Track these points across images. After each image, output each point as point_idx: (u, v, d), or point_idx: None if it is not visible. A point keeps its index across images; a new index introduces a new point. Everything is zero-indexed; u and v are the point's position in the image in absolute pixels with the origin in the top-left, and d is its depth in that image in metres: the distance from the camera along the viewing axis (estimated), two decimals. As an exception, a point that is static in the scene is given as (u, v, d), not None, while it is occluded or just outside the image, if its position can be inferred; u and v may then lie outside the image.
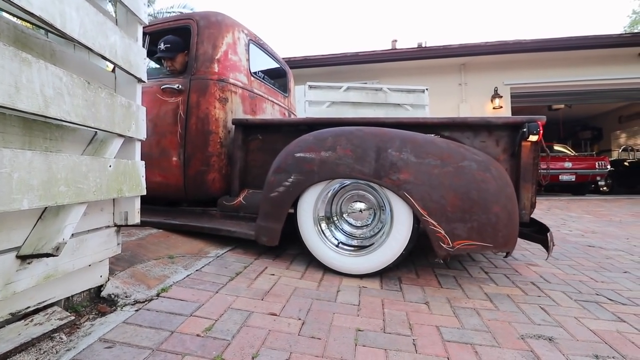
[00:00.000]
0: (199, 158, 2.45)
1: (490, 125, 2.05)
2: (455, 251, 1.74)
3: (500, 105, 8.27)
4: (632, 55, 7.95)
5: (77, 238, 1.25)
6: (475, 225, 1.72)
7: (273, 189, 2.03)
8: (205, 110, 2.44)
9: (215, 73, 2.50)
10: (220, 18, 2.64)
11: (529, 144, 1.96)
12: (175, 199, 2.65)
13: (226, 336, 1.22)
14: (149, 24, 2.80)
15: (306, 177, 1.95)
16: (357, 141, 1.90)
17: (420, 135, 1.90)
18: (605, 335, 1.38)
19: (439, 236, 1.74)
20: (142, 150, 2.46)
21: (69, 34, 0.99)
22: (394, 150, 1.83)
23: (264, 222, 2.05)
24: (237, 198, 2.45)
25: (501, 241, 1.73)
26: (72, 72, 1.07)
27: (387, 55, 8.66)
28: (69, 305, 1.31)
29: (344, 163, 1.88)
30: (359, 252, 1.97)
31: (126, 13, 1.43)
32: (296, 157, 1.99)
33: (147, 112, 2.47)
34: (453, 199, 1.73)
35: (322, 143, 1.96)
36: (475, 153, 1.83)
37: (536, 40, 7.90)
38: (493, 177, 1.76)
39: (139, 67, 1.44)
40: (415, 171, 1.78)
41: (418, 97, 5.61)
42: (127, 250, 1.81)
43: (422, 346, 1.25)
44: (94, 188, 1.15)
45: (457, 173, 1.76)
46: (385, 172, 1.81)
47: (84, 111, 1.08)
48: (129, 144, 1.47)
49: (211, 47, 2.53)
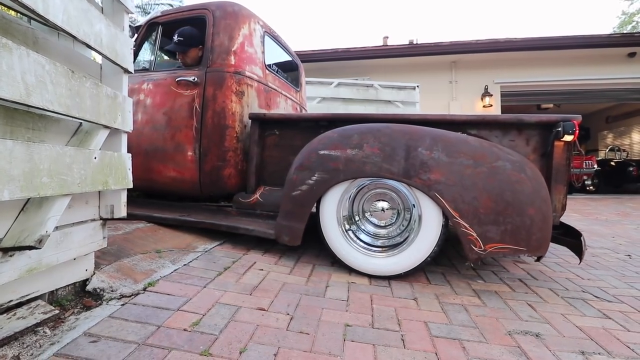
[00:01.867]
0: (215, 153, 2.39)
1: (522, 123, 1.98)
2: (487, 255, 1.68)
3: (490, 104, 8.33)
4: (621, 55, 8.06)
5: (61, 231, 1.22)
6: (508, 228, 1.66)
7: (295, 187, 1.96)
8: (221, 104, 2.39)
9: (232, 65, 2.44)
10: (236, 8, 2.57)
11: (563, 143, 1.90)
12: (190, 194, 2.59)
13: (214, 331, 1.21)
14: (161, 13, 2.72)
15: (331, 175, 1.89)
16: (385, 139, 1.84)
17: (451, 133, 1.83)
18: (591, 332, 1.40)
19: (470, 239, 1.68)
20: (156, 144, 2.48)
21: (51, 20, 0.96)
22: (425, 149, 1.77)
23: (286, 221, 1.99)
24: (253, 195, 2.40)
25: (535, 245, 1.67)
26: (56, 60, 1.04)
27: (378, 52, 8.65)
28: (53, 299, 1.28)
29: (371, 162, 1.82)
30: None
31: (112, 1, 1.39)
32: (320, 155, 1.93)
33: (161, 105, 2.51)
34: (486, 200, 1.67)
35: (348, 140, 1.90)
36: (509, 153, 1.76)
37: (527, 39, 7.96)
38: (528, 178, 1.69)
39: (125, 57, 1.40)
40: (447, 171, 1.72)
41: (409, 94, 5.62)
42: (114, 244, 1.78)
43: (410, 341, 1.25)
44: (78, 180, 1.13)
45: (490, 173, 1.69)
46: (415, 172, 1.76)
47: (68, 101, 1.05)
48: (115, 135, 1.44)
49: (227, 39, 2.46)
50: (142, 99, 2.58)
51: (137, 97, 2.59)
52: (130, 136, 2.51)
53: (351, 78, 7.19)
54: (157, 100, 2.52)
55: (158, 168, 2.50)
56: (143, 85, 2.60)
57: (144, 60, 2.92)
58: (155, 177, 2.53)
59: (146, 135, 2.53)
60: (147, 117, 2.54)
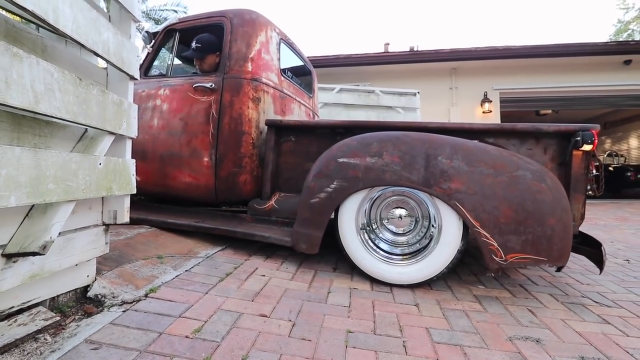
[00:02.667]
0: (231, 159, 2.40)
1: (540, 132, 1.99)
2: (507, 265, 1.68)
3: (489, 110, 8.37)
4: (617, 63, 8.13)
5: (64, 237, 1.22)
6: (530, 238, 1.65)
7: (314, 194, 1.95)
8: (238, 110, 2.40)
9: (249, 72, 2.46)
10: (254, 16, 2.59)
11: (581, 153, 1.90)
12: (205, 200, 2.59)
13: (215, 338, 1.21)
14: (179, 20, 2.74)
15: (350, 183, 1.89)
16: (404, 147, 1.84)
17: (470, 142, 1.84)
18: (591, 337, 1.41)
19: (491, 249, 1.68)
20: (172, 149, 2.50)
21: (61, 29, 0.98)
22: (445, 158, 1.77)
23: (303, 229, 1.98)
24: (268, 202, 2.39)
25: (556, 255, 1.66)
26: (64, 68, 1.05)
27: (379, 58, 8.71)
28: (54, 305, 1.28)
29: (390, 170, 1.82)
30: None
31: (120, 10, 1.41)
32: (339, 163, 1.92)
33: (178, 111, 2.52)
34: (507, 210, 1.67)
35: (367, 148, 1.90)
36: (529, 162, 1.75)
37: (525, 46, 8.03)
38: (549, 187, 1.69)
39: (132, 65, 1.42)
40: (467, 180, 1.72)
41: (410, 100, 5.65)
42: (115, 249, 1.79)
43: (412, 348, 1.26)
44: (83, 186, 1.14)
45: (511, 183, 1.69)
46: (435, 181, 1.76)
47: (75, 108, 1.07)
48: (120, 141, 1.45)
49: (245, 46, 2.49)
50: (158, 105, 2.59)
51: (153, 102, 2.60)
52: (146, 141, 2.54)
53: (353, 84, 7.24)
54: (174, 105, 2.54)
55: (173, 174, 2.51)
56: (160, 90, 2.61)
57: (160, 66, 2.93)
58: (171, 182, 2.53)
59: (162, 141, 2.53)
60: (164, 123, 2.55)
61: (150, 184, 2.60)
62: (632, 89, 8.32)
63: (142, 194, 2.81)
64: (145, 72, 2.79)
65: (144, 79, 2.75)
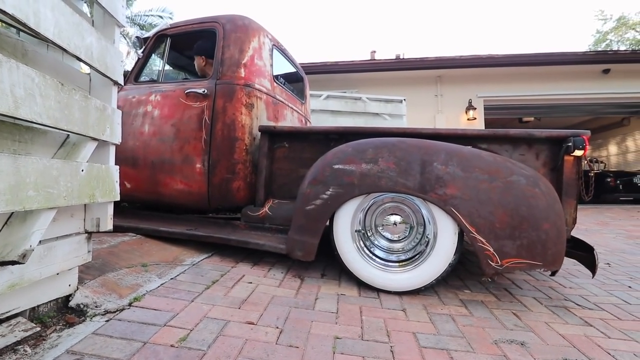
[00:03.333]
0: (224, 165, 2.37)
1: (532, 138, 2.01)
2: (503, 269, 1.69)
3: (474, 117, 8.52)
4: (596, 72, 8.38)
5: (45, 245, 1.19)
6: (524, 242, 1.67)
7: (309, 201, 1.94)
8: (231, 116, 2.38)
9: (242, 78, 2.45)
10: (247, 22, 2.59)
11: (572, 158, 1.93)
12: (198, 207, 2.55)
13: (201, 346, 1.19)
14: (170, 26, 2.72)
15: (345, 190, 1.88)
16: (400, 154, 1.84)
17: (465, 148, 1.86)
18: (574, 339, 1.43)
19: (487, 254, 1.69)
20: (164, 156, 2.46)
21: (42, 33, 0.96)
22: (440, 164, 1.78)
23: (299, 236, 1.97)
24: (262, 208, 2.37)
25: (550, 259, 1.68)
26: (45, 72, 1.04)
27: (366, 66, 8.80)
28: (34, 315, 1.24)
29: (386, 176, 1.82)
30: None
31: (103, 14, 1.40)
32: (335, 169, 1.92)
33: (169, 117, 2.49)
34: (502, 215, 1.68)
35: (363, 155, 1.89)
36: (523, 167, 1.77)
37: (507, 55, 8.22)
38: (542, 192, 1.71)
39: (116, 70, 1.40)
40: (463, 186, 1.73)
41: (396, 107, 5.71)
42: (98, 258, 1.75)
43: (399, 353, 1.26)
44: (64, 193, 1.11)
45: (506, 188, 1.71)
46: (431, 187, 1.76)
47: (57, 113, 1.05)
48: (103, 147, 1.42)
49: (238, 52, 2.48)
50: (149, 111, 2.56)
51: (144, 108, 2.57)
52: (137, 148, 2.51)
53: (340, 91, 7.28)
54: (165, 111, 2.51)
55: (165, 180, 2.47)
56: (151, 96, 2.59)
57: (151, 72, 2.90)
58: (162, 189, 2.50)
59: (153, 147, 2.50)
60: (155, 129, 2.51)
61: (141, 191, 2.56)
62: (611, 97, 8.59)
63: (133, 202, 2.75)
64: (135, 77, 2.75)
65: (135, 85, 2.72)
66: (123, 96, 2.68)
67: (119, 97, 2.69)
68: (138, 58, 2.79)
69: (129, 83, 2.75)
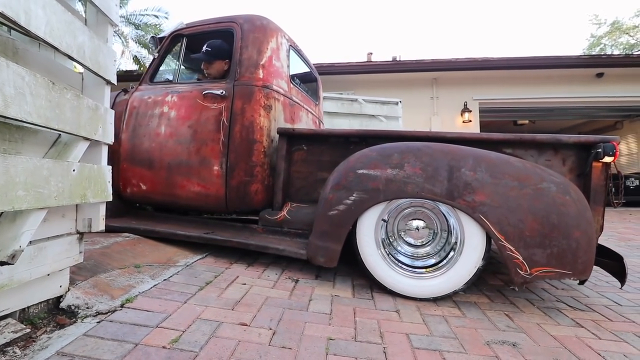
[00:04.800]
0: (242, 168, 2.34)
1: (560, 144, 1.98)
2: (532, 278, 1.66)
3: (469, 119, 8.56)
4: (590, 75, 8.45)
5: (35, 245, 1.18)
6: (555, 251, 1.63)
7: (332, 206, 1.90)
8: (250, 118, 2.35)
9: (260, 79, 2.42)
10: (265, 22, 2.56)
11: (601, 164, 1.89)
12: (214, 210, 2.52)
13: (194, 348, 1.19)
14: (186, 25, 2.69)
15: (370, 195, 1.84)
16: (426, 159, 1.80)
17: (492, 153, 1.82)
18: (565, 341, 1.44)
19: (516, 262, 1.65)
20: (180, 158, 2.44)
21: (33, 32, 0.95)
22: (468, 170, 1.74)
23: (321, 242, 1.92)
24: (280, 212, 2.33)
25: (580, 268, 1.64)
26: (36, 71, 1.03)
27: (362, 68, 8.82)
28: (24, 317, 1.23)
29: (412, 182, 1.78)
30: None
31: (96, 13, 1.39)
32: (358, 174, 1.87)
33: (186, 118, 2.47)
34: (532, 223, 1.65)
35: (388, 160, 1.85)
36: (552, 174, 1.73)
37: (502, 58, 8.27)
38: (573, 200, 1.67)
39: (108, 69, 1.39)
40: (492, 192, 1.69)
41: (392, 109, 5.72)
42: (90, 259, 1.74)
43: (392, 354, 1.26)
44: (55, 193, 1.10)
45: (536, 195, 1.67)
46: (459, 193, 1.73)
47: (48, 112, 1.04)
48: (95, 147, 1.41)
49: (256, 52, 2.45)
50: (165, 112, 2.53)
51: (160, 109, 2.54)
52: (153, 149, 2.50)
53: (336, 92, 7.29)
54: (182, 113, 2.49)
55: (182, 183, 2.44)
56: (167, 97, 2.55)
57: (166, 72, 2.87)
58: (178, 192, 2.46)
59: (169, 149, 2.47)
60: (171, 130, 2.49)
61: (156, 192, 2.53)
62: (604, 101, 8.66)
63: (148, 203, 2.71)
64: (150, 78, 2.72)
65: (150, 85, 2.69)
66: (138, 97, 2.65)
67: (135, 97, 2.67)
68: (153, 58, 2.75)
69: (144, 83, 2.72)
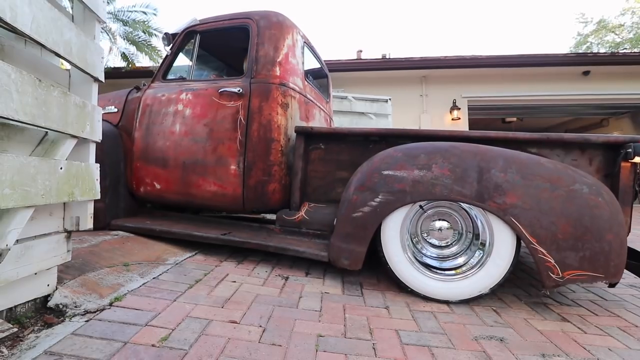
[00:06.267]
0: (260, 167, 2.31)
1: (587, 143, 1.96)
2: (564, 282, 1.64)
3: (458, 117, 8.63)
4: (576, 73, 8.58)
5: (22, 244, 1.17)
6: (587, 254, 1.61)
7: (356, 208, 1.86)
8: (267, 116, 2.32)
9: (277, 77, 2.38)
10: (281, 18, 2.52)
11: (630, 165, 1.87)
12: (231, 209, 2.48)
13: (183, 346, 1.19)
14: (200, 22, 2.64)
15: (396, 197, 1.80)
16: (455, 160, 1.77)
17: (522, 154, 1.79)
18: (551, 335, 1.47)
19: (548, 265, 1.63)
20: (196, 157, 2.40)
21: (19, 28, 0.94)
22: (498, 171, 1.71)
23: (345, 244, 1.89)
24: (298, 212, 2.30)
25: (612, 271, 1.62)
26: (23, 68, 1.01)
27: (352, 65, 8.82)
28: (11, 316, 1.22)
29: (441, 183, 1.75)
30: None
31: (83, 10, 1.37)
32: (384, 175, 1.84)
33: (202, 116, 2.43)
34: (564, 225, 1.63)
35: (414, 160, 1.82)
36: (584, 175, 1.70)
37: (490, 56, 8.35)
38: (605, 202, 1.64)
39: (96, 66, 1.38)
40: (523, 194, 1.67)
41: (382, 107, 5.75)
42: (79, 257, 1.72)
43: (382, 350, 1.28)
44: (42, 191, 1.09)
45: (568, 197, 1.64)
46: (490, 195, 1.70)
47: (34, 110, 1.03)
48: (83, 145, 1.40)
49: (272, 49, 2.41)
50: (180, 110, 2.49)
51: (174, 107, 2.50)
52: (167, 148, 2.46)
53: (325, 90, 7.27)
54: (198, 111, 2.45)
55: (197, 182, 2.41)
56: (181, 95, 2.51)
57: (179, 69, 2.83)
58: (194, 191, 2.43)
59: (185, 148, 2.44)
60: (186, 129, 2.45)
61: (171, 192, 2.49)
62: (590, 99, 8.80)
63: (163, 203, 2.66)
64: (163, 75, 2.68)
65: (163, 82, 2.65)
66: (152, 94, 2.61)
67: (148, 95, 2.63)
68: (166, 55, 2.71)
69: (157, 81, 2.68)
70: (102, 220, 2.37)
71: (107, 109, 2.76)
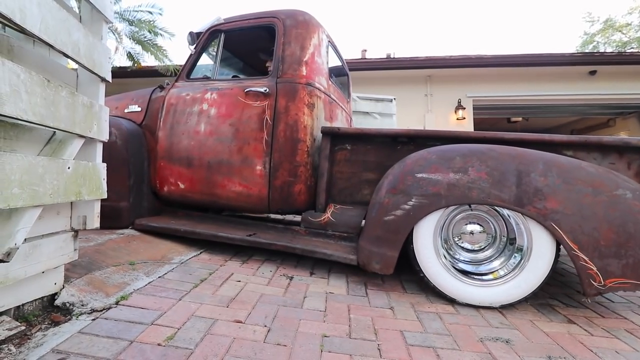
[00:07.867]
0: (286, 168, 2.29)
1: (627, 146, 1.91)
2: (606, 290, 1.58)
3: (463, 117, 8.60)
4: (583, 73, 8.51)
5: (30, 243, 1.18)
6: (630, 261, 1.56)
7: (388, 211, 1.82)
8: (294, 117, 2.30)
9: (304, 76, 2.37)
10: (307, 17, 2.51)
11: None
12: (256, 210, 2.48)
13: (189, 345, 1.19)
14: (225, 21, 2.63)
15: (431, 200, 1.75)
16: (492, 163, 1.73)
17: (563, 157, 1.75)
18: (557, 337, 1.46)
19: (590, 273, 1.58)
20: (221, 157, 2.39)
21: (29, 29, 0.95)
22: (538, 175, 1.66)
23: (376, 248, 1.85)
24: (324, 214, 2.28)
25: None
26: (31, 69, 1.02)
27: (357, 64, 8.80)
28: (19, 314, 1.23)
29: (477, 187, 1.71)
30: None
31: (91, 10, 1.38)
32: (417, 178, 1.80)
33: (227, 116, 2.43)
34: (607, 232, 1.58)
35: (450, 163, 1.78)
36: (627, 180, 1.66)
37: (496, 56, 8.30)
38: None
39: (103, 66, 1.39)
40: (565, 199, 1.62)
41: (386, 106, 5.73)
42: (85, 256, 1.73)
43: (387, 351, 1.27)
44: (50, 190, 1.10)
45: (611, 203, 1.60)
46: (529, 200, 1.65)
47: (42, 110, 1.03)
48: (90, 145, 1.41)
49: (299, 49, 2.40)
50: (205, 109, 2.49)
51: (199, 106, 2.50)
52: (192, 148, 2.46)
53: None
54: (223, 110, 2.44)
55: (222, 182, 2.41)
56: (206, 94, 2.52)
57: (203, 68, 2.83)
58: (219, 191, 2.43)
59: (209, 147, 2.43)
60: (211, 128, 2.44)
61: (195, 192, 2.49)
62: (597, 98, 8.73)
63: (186, 202, 2.66)
64: (187, 74, 2.68)
65: (187, 82, 2.64)
66: (176, 93, 2.61)
67: (172, 94, 2.62)
68: (190, 54, 2.70)
69: (181, 80, 2.67)
70: (126, 219, 2.38)
71: (130, 107, 2.76)
